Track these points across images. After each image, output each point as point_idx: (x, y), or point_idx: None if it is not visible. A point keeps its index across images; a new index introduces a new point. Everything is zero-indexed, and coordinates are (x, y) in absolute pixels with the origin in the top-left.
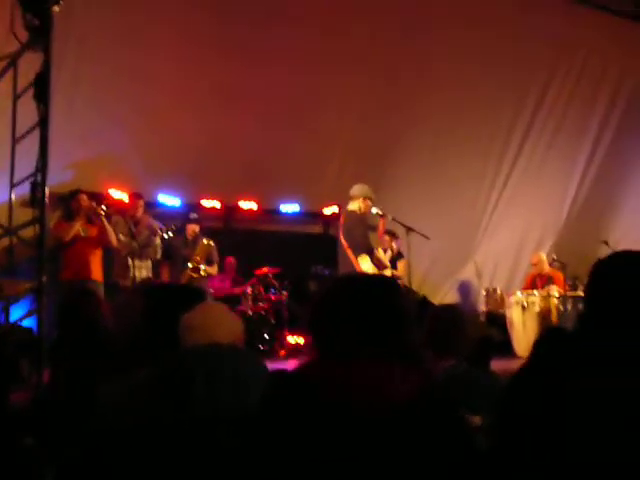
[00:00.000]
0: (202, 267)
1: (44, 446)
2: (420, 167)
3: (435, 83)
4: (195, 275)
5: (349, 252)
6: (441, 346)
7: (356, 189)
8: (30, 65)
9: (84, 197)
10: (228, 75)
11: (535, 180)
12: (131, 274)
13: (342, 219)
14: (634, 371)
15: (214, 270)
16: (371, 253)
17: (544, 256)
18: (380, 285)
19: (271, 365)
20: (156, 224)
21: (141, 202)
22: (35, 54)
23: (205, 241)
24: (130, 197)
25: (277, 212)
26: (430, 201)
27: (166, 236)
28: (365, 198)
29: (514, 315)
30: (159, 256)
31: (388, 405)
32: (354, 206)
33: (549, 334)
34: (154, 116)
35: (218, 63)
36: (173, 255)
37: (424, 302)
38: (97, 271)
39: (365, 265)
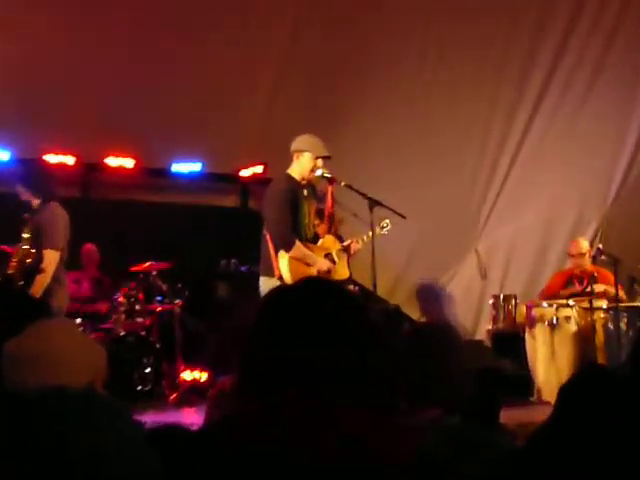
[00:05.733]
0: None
1: None
2: (391, 118)
3: None
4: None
5: (268, 241)
6: (420, 388)
7: (301, 142)
8: None
9: None
10: None
11: (568, 136)
12: None
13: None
14: None
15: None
16: (303, 244)
17: (586, 244)
18: (320, 299)
19: (156, 417)
20: None
21: None
22: None
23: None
24: None
25: (167, 173)
26: (407, 167)
27: None
28: (315, 156)
29: (538, 337)
30: None
31: (366, 470)
32: (293, 168)
33: (585, 376)
34: None
35: None
36: None
37: (397, 316)
38: None
39: (283, 265)
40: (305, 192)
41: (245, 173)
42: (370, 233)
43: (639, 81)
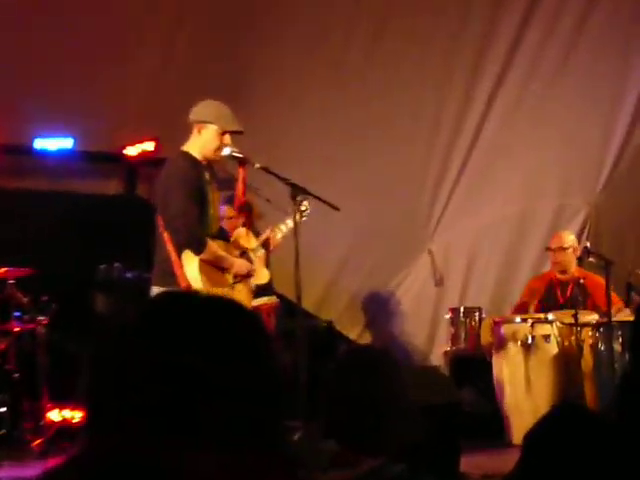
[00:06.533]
0: None
1: None
2: (318, 95)
3: None
4: None
5: (166, 240)
6: (356, 428)
7: (204, 110)
8: None
9: None
10: None
11: (544, 114)
12: None
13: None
14: None
15: None
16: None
17: (571, 238)
18: (224, 320)
19: (13, 470)
20: None
21: None
22: None
23: None
24: None
25: (28, 152)
26: (340, 148)
27: None
28: (222, 130)
29: (508, 362)
30: None
31: None
32: (192, 144)
33: (556, 420)
34: None
35: None
36: None
37: (329, 336)
38: None
39: (191, 272)
40: (207, 175)
41: (131, 151)
42: (289, 221)
43: (632, 44)
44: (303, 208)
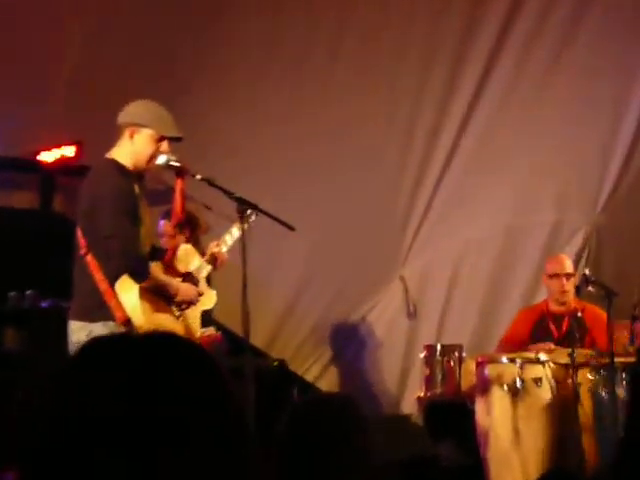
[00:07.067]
0: None
1: None
2: (274, 98)
3: None
4: None
5: (90, 264)
6: None
7: (138, 112)
8: None
9: None
10: None
11: (532, 117)
12: None
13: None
14: None
15: None
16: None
17: (569, 263)
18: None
19: None
20: None
21: None
22: None
23: None
24: None
25: None
26: (297, 163)
27: None
28: (159, 135)
29: (494, 410)
30: None
31: None
32: (121, 151)
33: None
34: None
35: None
36: None
37: (281, 377)
38: None
39: (130, 300)
40: (137, 188)
41: (47, 157)
42: (235, 230)
43: (637, 37)
44: (248, 212)
